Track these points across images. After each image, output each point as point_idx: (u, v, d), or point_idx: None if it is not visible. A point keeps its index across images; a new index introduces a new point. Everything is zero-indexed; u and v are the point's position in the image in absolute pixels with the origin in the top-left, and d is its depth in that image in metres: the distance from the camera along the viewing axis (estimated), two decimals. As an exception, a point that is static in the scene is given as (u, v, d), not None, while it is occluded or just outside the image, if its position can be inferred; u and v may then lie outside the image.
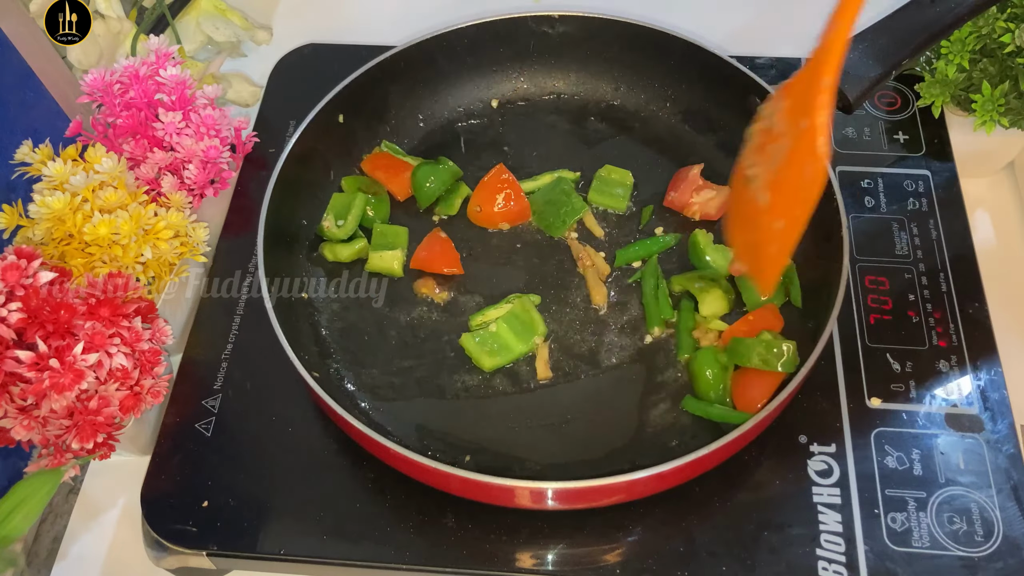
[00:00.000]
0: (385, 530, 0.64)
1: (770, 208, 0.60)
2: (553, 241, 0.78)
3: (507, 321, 0.71)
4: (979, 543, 0.62)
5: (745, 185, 0.63)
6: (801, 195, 0.57)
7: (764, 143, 0.62)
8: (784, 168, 0.59)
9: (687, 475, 0.63)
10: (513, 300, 0.73)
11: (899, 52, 0.73)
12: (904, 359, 0.70)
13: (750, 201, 0.62)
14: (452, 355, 0.72)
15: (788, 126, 0.59)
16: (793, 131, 0.58)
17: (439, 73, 0.85)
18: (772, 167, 0.60)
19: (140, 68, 0.74)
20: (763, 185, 0.61)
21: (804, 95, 0.57)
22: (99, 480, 0.74)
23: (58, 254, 0.67)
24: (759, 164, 0.62)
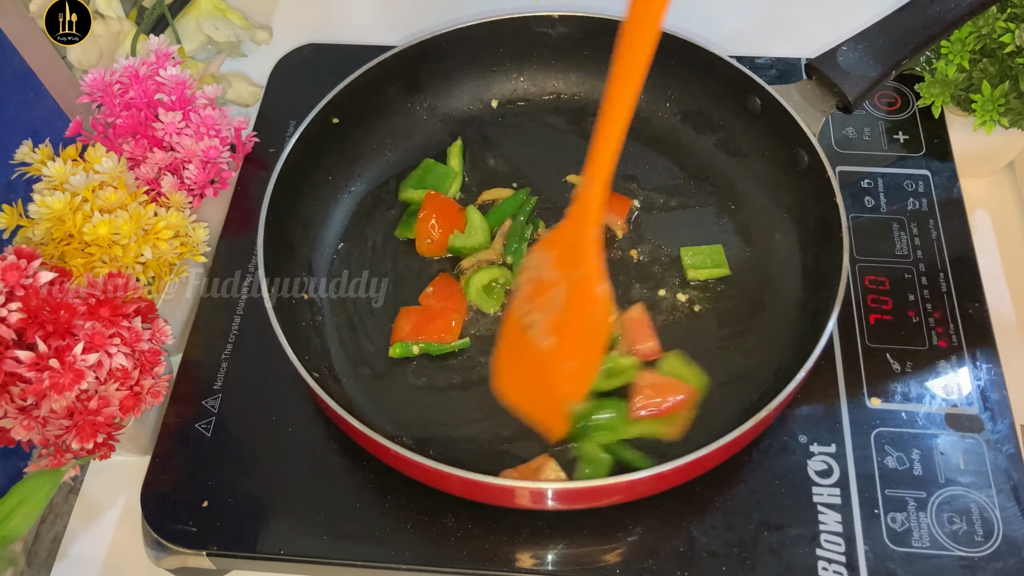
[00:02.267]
0: (385, 530, 0.64)
1: (557, 351, 0.61)
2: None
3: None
4: (979, 543, 0.62)
5: (521, 333, 0.63)
6: (590, 336, 0.60)
7: (536, 291, 0.63)
8: (566, 313, 0.60)
9: (687, 475, 0.63)
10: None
11: (899, 52, 0.73)
12: (904, 359, 0.70)
13: (530, 347, 0.63)
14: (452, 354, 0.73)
15: (561, 275, 0.61)
16: (568, 279, 0.60)
17: (439, 73, 0.85)
18: (551, 313, 0.61)
19: (140, 68, 0.74)
20: (544, 330, 0.62)
21: (572, 246, 0.59)
22: (99, 480, 0.74)
23: (58, 254, 0.67)
24: (534, 311, 0.63)
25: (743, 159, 0.81)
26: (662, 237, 0.78)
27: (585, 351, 0.61)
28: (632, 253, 0.77)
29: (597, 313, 0.59)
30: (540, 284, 0.63)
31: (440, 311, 0.73)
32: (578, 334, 0.61)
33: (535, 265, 0.63)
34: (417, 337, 0.72)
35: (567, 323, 0.61)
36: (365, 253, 0.79)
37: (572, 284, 0.60)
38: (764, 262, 0.76)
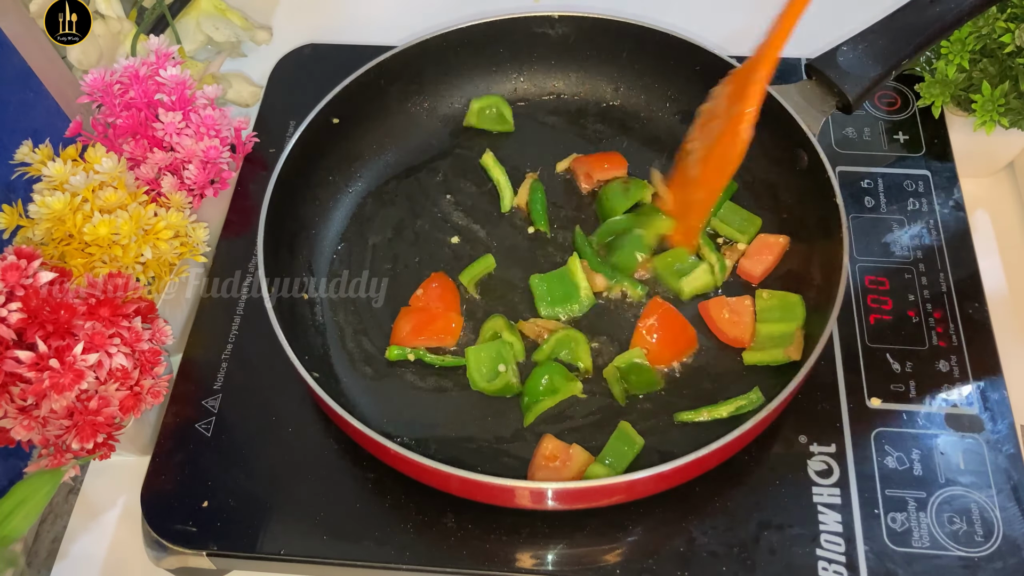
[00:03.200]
0: (385, 530, 0.64)
1: (697, 180, 0.68)
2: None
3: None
4: (979, 543, 0.62)
5: (684, 158, 0.70)
6: (721, 169, 0.66)
7: (706, 122, 0.68)
8: (714, 145, 0.66)
9: (687, 475, 0.63)
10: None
11: (899, 52, 0.73)
12: (904, 359, 0.70)
13: (685, 172, 0.70)
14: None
15: (725, 109, 0.65)
16: (727, 113, 0.65)
17: (439, 73, 0.85)
18: (706, 144, 0.67)
19: (140, 68, 0.74)
20: (696, 160, 0.68)
21: (742, 83, 0.64)
22: (99, 480, 0.74)
23: (58, 254, 0.67)
24: (698, 140, 0.69)
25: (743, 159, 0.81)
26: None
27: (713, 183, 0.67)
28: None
29: (734, 150, 0.63)
30: (710, 115, 0.68)
31: (441, 313, 0.73)
32: (715, 166, 0.66)
33: (716, 95, 0.68)
34: (417, 338, 0.72)
35: (711, 155, 0.66)
36: (365, 253, 0.79)
37: (728, 119, 0.64)
38: (764, 262, 0.76)
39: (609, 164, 0.81)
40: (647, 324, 0.70)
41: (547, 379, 0.69)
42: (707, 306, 0.72)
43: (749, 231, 0.76)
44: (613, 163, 0.81)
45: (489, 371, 0.69)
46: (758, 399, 0.67)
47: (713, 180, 0.68)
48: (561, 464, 0.65)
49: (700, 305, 0.73)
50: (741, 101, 0.63)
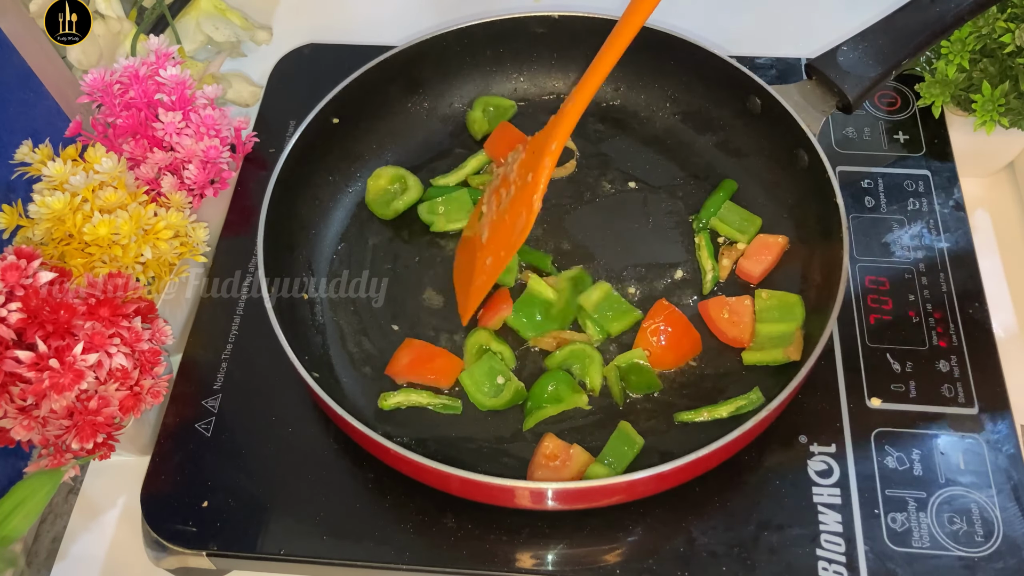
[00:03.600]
0: (385, 530, 0.64)
1: (487, 245, 0.67)
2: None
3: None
4: (979, 543, 0.62)
5: (477, 219, 0.69)
6: (509, 238, 0.64)
7: (499, 186, 0.68)
8: (505, 212, 0.65)
9: (687, 475, 0.63)
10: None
11: (899, 52, 0.73)
12: (904, 359, 0.70)
13: (476, 236, 0.68)
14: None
15: (519, 176, 0.65)
16: (520, 182, 0.65)
17: (439, 73, 0.85)
18: (498, 209, 0.67)
19: (140, 68, 0.74)
20: (487, 223, 0.68)
21: (537, 152, 0.63)
22: (99, 480, 0.74)
23: (58, 254, 0.67)
24: (490, 204, 0.68)
25: (743, 159, 0.81)
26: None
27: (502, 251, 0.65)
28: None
29: (524, 220, 0.62)
30: (504, 180, 0.67)
31: (443, 352, 0.71)
32: (504, 234, 0.65)
33: (509, 161, 0.68)
34: (412, 373, 0.70)
35: (503, 221, 0.65)
36: (365, 253, 0.79)
37: (520, 187, 0.64)
38: (764, 262, 0.76)
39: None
40: (652, 326, 0.70)
41: (553, 387, 0.68)
42: (707, 306, 0.72)
43: (749, 231, 0.76)
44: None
45: (490, 388, 0.69)
46: (758, 399, 0.67)
47: (501, 248, 0.65)
48: (561, 464, 0.65)
49: (700, 305, 0.73)
50: (533, 169, 0.62)
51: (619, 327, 0.72)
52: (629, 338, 0.72)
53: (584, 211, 0.80)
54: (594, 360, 0.70)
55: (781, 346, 0.69)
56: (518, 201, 0.64)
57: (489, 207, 0.68)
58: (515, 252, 0.66)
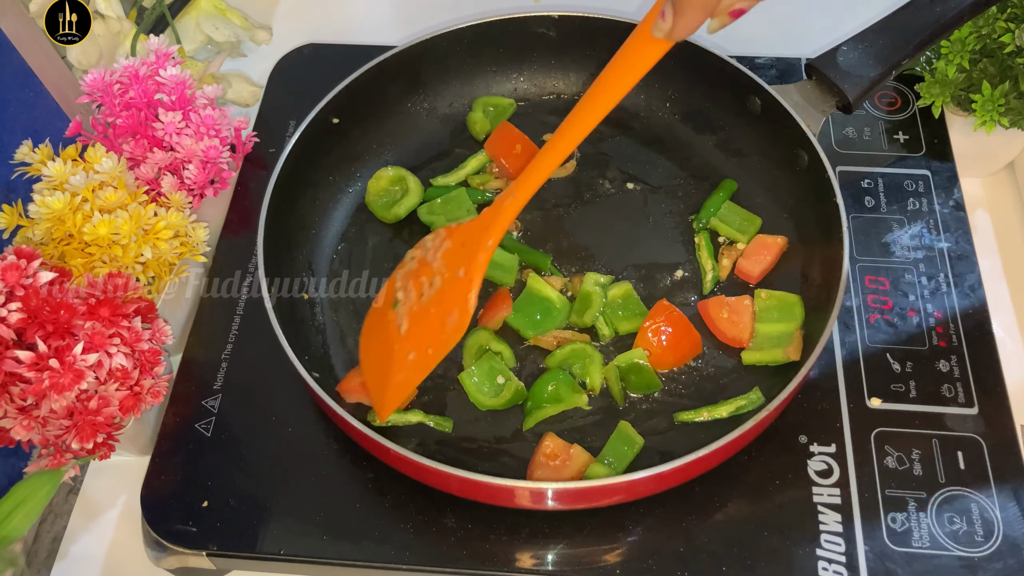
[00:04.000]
0: (385, 530, 0.64)
1: (407, 338, 0.62)
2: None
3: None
4: (979, 543, 0.62)
5: (391, 307, 0.65)
6: (440, 335, 0.60)
7: (418, 272, 0.64)
8: (431, 304, 0.61)
9: (687, 475, 0.63)
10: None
11: (899, 52, 0.73)
12: (904, 359, 0.70)
13: (391, 324, 0.64)
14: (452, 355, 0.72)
15: (446, 268, 0.62)
16: (449, 274, 0.61)
17: (439, 73, 0.85)
18: (419, 298, 0.63)
19: (140, 68, 0.74)
20: (406, 313, 0.63)
21: (468, 245, 0.60)
22: (99, 480, 0.74)
23: (58, 254, 0.67)
24: (408, 291, 0.64)
25: (743, 159, 0.81)
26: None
27: (429, 348, 0.61)
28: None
29: (458, 319, 0.59)
30: (423, 266, 0.63)
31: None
32: (432, 328, 0.61)
33: (429, 247, 0.64)
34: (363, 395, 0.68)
35: (427, 315, 0.61)
36: (365, 253, 0.79)
37: (450, 281, 0.61)
38: (764, 262, 0.76)
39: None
40: (653, 326, 0.70)
41: (553, 387, 0.68)
42: (706, 305, 0.72)
43: (749, 231, 0.76)
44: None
45: (491, 388, 0.69)
46: (758, 399, 0.67)
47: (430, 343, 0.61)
48: (561, 463, 0.65)
49: (699, 304, 0.73)
50: (467, 265, 0.59)
51: (628, 327, 0.72)
52: (629, 338, 0.72)
53: (584, 211, 0.80)
54: (594, 360, 0.70)
55: (781, 346, 0.69)
56: (447, 297, 0.60)
57: (407, 293, 0.64)
58: (447, 351, 0.61)
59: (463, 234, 0.62)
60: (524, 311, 0.72)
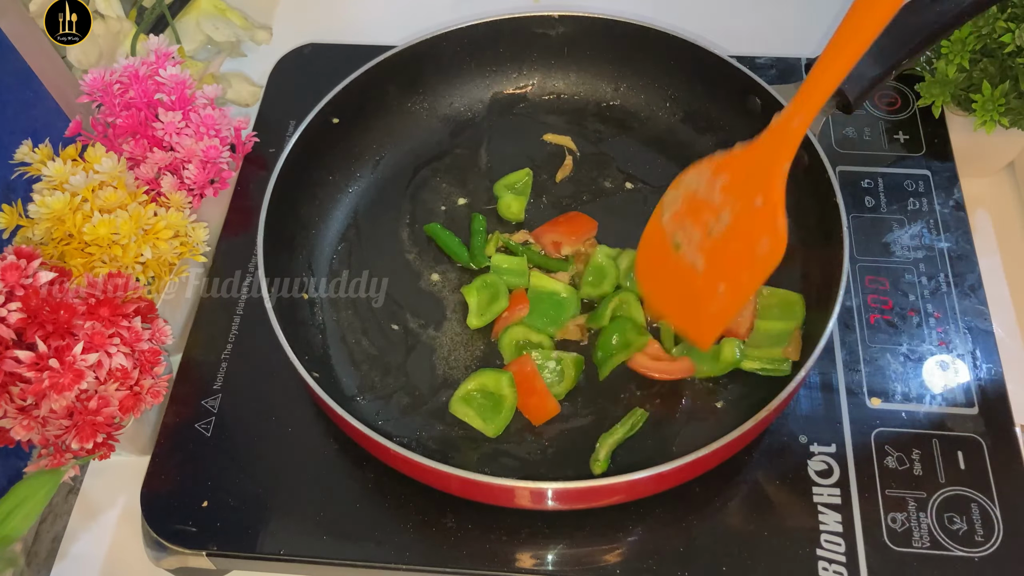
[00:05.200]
0: (385, 530, 0.64)
1: (709, 273, 0.62)
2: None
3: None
4: (979, 543, 0.62)
5: (668, 249, 0.65)
6: (751, 264, 0.60)
7: (693, 211, 0.63)
8: (728, 239, 0.61)
9: (687, 475, 0.63)
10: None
11: (899, 52, 0.73)
12: (904, 359, 0.70)
13: (681, 265, 0.64)
14: (452, 355, 0.73)
15: (734, 200, 0.61)
16: (741, 205, 0.60)
17: (439, 73, 0.85)
18: (709, 236, 0.62)
19: (140, 68, 0.74)
20: (696, 251, 0.63)
21: (756, 176, 0.59)
22: (99, 480, 0.74)
23: (58, 254, 0.67)
24: (688, 230, 0.64)
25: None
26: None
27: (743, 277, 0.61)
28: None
29: (770, 245, 0.59)
30: (698, 204, 0.63)
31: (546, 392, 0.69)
32: (738, 261, 0.61)
33: (695, 186, 0.63)
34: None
35: (728, 250, 0.61)
36: (365, 253, 0.79)
37: (744, 212, 0.60)
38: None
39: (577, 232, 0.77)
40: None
41: (617, 337, 0.70)
42: None
43: None
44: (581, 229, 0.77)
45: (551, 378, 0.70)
46: (786, 368, 0.68)
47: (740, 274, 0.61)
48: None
49: None
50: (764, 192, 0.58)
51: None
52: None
53: (584, 211, 0.80)
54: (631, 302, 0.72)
55: (779, 344, 0.69)
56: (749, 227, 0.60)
57: (687, 233, 0.64)
58: (766, 275, 0.61)
59: (743, 164, 0.61)
60: (536, 309, 0.73)
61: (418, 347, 0.73)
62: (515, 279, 0.75)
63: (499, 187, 0.81)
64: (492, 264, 0.76)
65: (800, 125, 0.57)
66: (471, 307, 0.74)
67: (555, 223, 0.78)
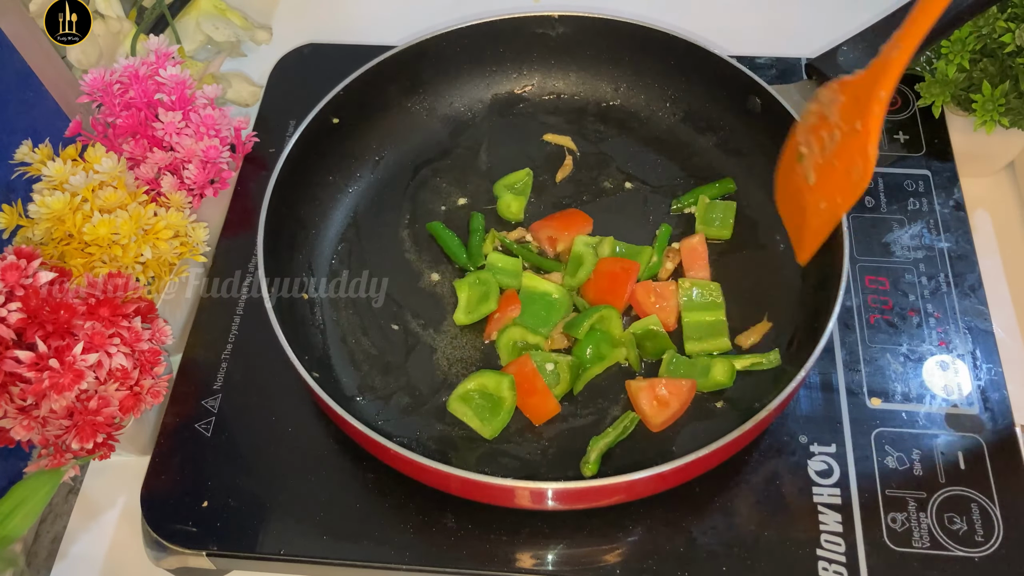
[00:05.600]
0: (385, 530, 0.64)
1: (816, 188, 0.66)
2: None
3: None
4: (979, 543, 0.62)
5: (796, 160, 0.68)
6: (846, 186, 0.63)
7: (817, 127, 0.66)
8: (834, 157, 0.64)
9: (687, 475, 0.63)
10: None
11: (899, 52, 0.73)
12: (904, 359, 0.70)
13: (799, 176, 0.67)
14: (452, 355, 0.73)
15: (843, 121, 0.63)
16: (846, 128, 0.63)
17: (439, 73, 0.85)
18: (823, 152, 0.65)
19: (140, 68, 0.74)
20: (812, 165, 0.66)
21: (861, 99, 0.61)
22: (99, 480, 0.74)
23: (58, 254, 0.67)
24: (811, 145, 0.66)
25: (743, 159, 0.81)
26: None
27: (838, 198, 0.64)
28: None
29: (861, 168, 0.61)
30: (822, 121, 0.65)
31: (546, 391, 0.68)
32: (837, 180, 0.64)
33: (825, 102, 0.66)
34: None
35: (831, 167, 0.64)
36: (365, 253, 0.79)
37: (848, 134, 0.62)
38: (764, 262, 0.76)
39: (572, 228, 0.77)
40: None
41: (592, 348, 0.70)
42: (635, 290, 0.73)
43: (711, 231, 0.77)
44: (576, 225, 0.78)
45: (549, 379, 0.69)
46: (775, 360, 0.69)
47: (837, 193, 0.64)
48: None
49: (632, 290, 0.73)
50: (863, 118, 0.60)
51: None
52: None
53: (584, 211, 0.80)
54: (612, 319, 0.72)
55: (719, 336, 0.71)
56: (848, 149, 0.63)
57: (809, 147, 0.67)
58: (855, 200, 0.64)
59: (856, 88, 0.63)
60: (528, 309, 0.73)
61: (418, 347, 0.73)
62: (508, 279, 0.75)
63: (499, 187, 0.81)
64: (488, 262, 0.76)
65: (901, 55, 0.58)
66: (461, 302, 0.74)
67: (551, 219, 0.79)
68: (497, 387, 0.68)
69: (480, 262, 0.76)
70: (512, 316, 0.72)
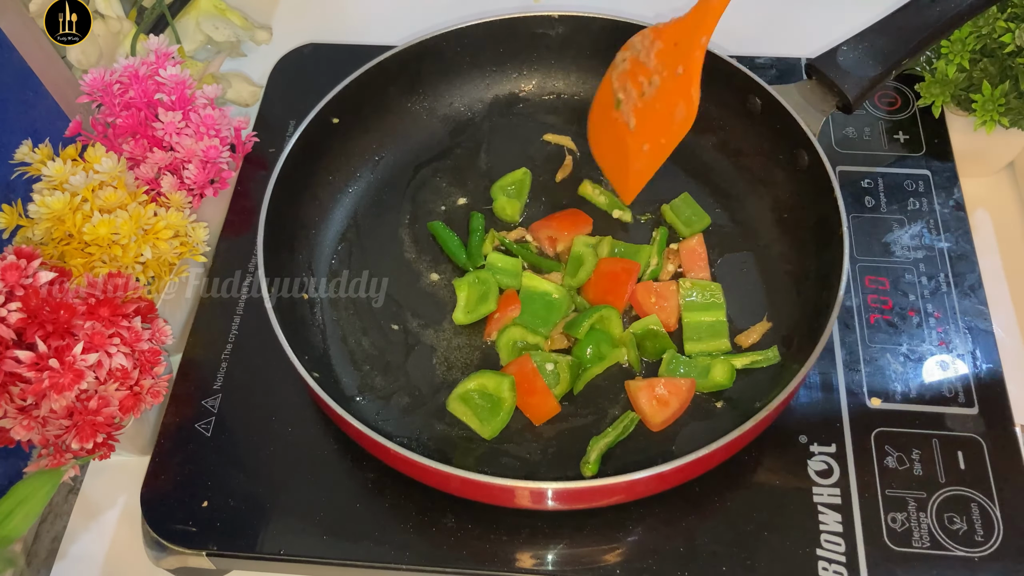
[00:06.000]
0: (385, 530, 0.64)
1: (637, 132, 0.68)
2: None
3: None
4: (979, 543, 0.62)
5: (614, 107, 0.70)
6: (670, 127, 0.66)
7: (634, 72, 0.68)
8: (655, 101, 0.66)
9: (687, 475, 0.63)
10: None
11: (899, 52, 0.73)
12: (904, 359, 0.70)
13: (618, 122, 0.70)
14: (452, 355, 0.73)
15: (662, 67, 0.66)
16: (667, 72, 0.66)
17: (439, 73, 0.85)
18: (642, 97, 0.68)
19: (140, 68, 0.74)
20: (631, 110, 0.68)
21: (681, 45, 0.64)
22: (99, 480, 0.74)
23: (58, 254, 0.67)
24: (628, 91, 0.69)
25: (743, 159, 0.81)
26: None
27: (662, 139, 0.67)
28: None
29: (684, 111, 0.64)
30: (638, 66, 0.68)
31: (546, 391, 0.68)
32: (660, 123, 0.66)
33: (639, 48, 0.68)
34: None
35: (653, 111, 0.66)
36: (365, 253, 0.79)
37: (669, 79, 0.65)
38: (764, 262, 0.76)
39: (571, 228, 0.78)
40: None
41: (592, 348, 0.70)
42: (636, 291, 0.73)
43: (694, 226, 0.77)
44: (576, 225, 0.78)
45: (549, 379, 0.69)
46: (774, 357, 0.69)
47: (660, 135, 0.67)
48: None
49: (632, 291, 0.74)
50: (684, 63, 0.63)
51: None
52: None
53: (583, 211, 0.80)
54: (615, 318, 0.72)
55: (719, 337, 0.71)
56: (670, 92, 0.65)
57: (627, 93, 0.69)
58: (679, 140, 0.67)
59: (673, 33, 0.66)
60: (528, 309, 0.73)
61: (418, 347, 0.73)
62: (508, 279, 0.75)
63: (495, 189, 0.81)
64: (488, 262, 0.76)
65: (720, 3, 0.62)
66: (460, 301, 0.74)
67: (551, 219, 0.78)
68: (497, 387, 0.68)
69: (480, 262, 0.76)
70: (512, 316, 0.72)
